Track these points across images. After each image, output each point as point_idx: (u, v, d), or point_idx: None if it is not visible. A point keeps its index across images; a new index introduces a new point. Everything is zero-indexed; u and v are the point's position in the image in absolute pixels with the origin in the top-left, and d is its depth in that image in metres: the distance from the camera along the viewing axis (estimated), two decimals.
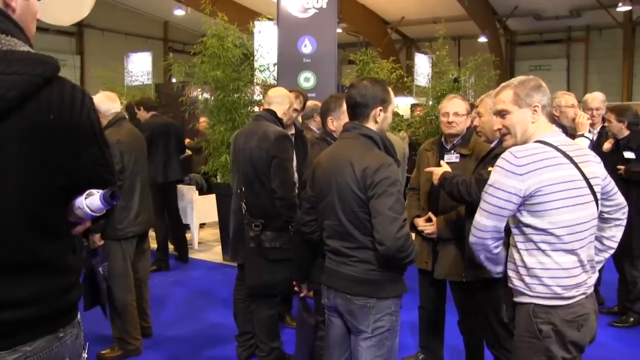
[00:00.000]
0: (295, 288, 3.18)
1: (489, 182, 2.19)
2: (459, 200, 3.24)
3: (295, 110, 4.42)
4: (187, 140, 9.70)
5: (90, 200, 1.54)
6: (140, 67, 12.84)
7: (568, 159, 2.17)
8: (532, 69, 23.09)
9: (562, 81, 23.70)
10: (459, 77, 9.12)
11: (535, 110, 2.26)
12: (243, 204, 3.77)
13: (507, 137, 2.33)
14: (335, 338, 2.68)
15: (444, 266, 3.58)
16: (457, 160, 3.56)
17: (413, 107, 13.18)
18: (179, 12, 19.47)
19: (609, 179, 2.33)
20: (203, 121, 8.87)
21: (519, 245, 2.22)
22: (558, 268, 2.14)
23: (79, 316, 1.65)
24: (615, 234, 2.40)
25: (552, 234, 2.13)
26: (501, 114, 2.33)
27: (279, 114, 3.88)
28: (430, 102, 9.44)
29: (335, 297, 2.59)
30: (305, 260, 3.03)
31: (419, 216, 3.72)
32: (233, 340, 4.20)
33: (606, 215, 2.35)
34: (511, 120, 2.29)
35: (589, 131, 5.16)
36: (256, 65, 7.44)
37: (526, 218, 2.15)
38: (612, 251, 2.44)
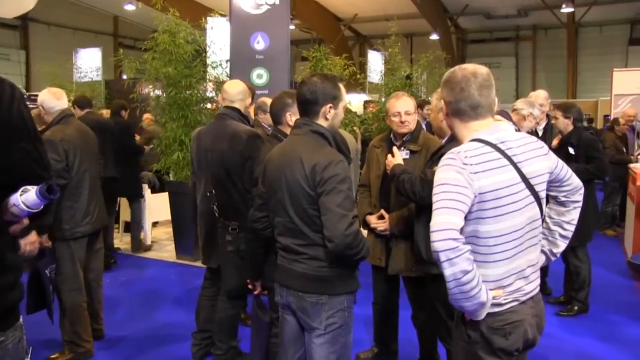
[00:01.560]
0: (249, 286, 3.18)
1: (439, 181, 1.98)
2: (404, 196, 3.30)
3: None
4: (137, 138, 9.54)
5: (26, 197, 1.50)
6: (89, 63, 12.56)
7: (508, 159, 2.03)
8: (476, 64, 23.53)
9: (511, 79, 24.37)
10: (411, 74, 9.26)
11: (442, 107, 2.18)
12: (215, 207, 3.71)
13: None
14: (289, 335, 2.68)
15: (398, 262, 3.65)
16: (407, 156, 3.62)
17: (366, 103, 13.30)
18: (130, 7, 19.07)
19: (561, 165, 2.24)
20: (147, 118, 8.75)
21: None
22: (485, 280, 1.99)
23: (21, 319, 1.60)
24: (574, 216, 2.33)
25: (484, 245, 2.01)
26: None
27: (243, 111, 3.84)
28: (383, 99, 9.53)
29: (287, 294, 2.59)
30: (258, 258, 3.03)
31: (370, 213, 3.77)
32: (187, 339, 4.16)
33: (564, 199, 2.29)
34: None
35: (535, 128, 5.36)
36: (209, 61, 7.37)
37: (473, 226, 2.00)
38: (571, 235, 2.37)
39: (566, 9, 18.89)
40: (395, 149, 3.47)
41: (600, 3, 19.97)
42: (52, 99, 4.03)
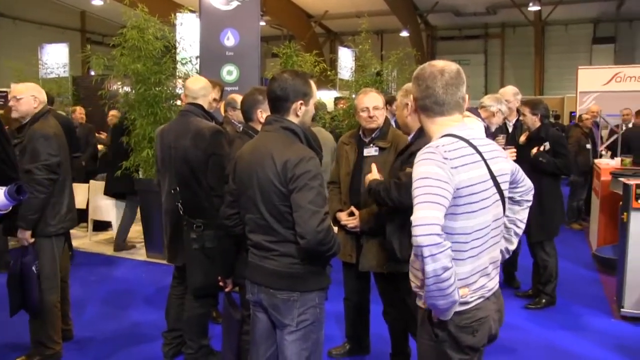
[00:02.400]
0: (220, 283, 3.17)
1: (419, 175, 1.96)
2: (384, 205, 3.31)
3: (215, 100, 4.38)
4: (104, 136, 9.43)
5: None
6: (56, 58, 12.33)
7: (480, 155, 2.06)
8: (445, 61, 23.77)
9: (480, 76, 24.70)
10: (382, 70, 9.31)
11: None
12: (179, 205, 3.67)
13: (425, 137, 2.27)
14: (261, 333, 2.67)
15: (369, 259, 3.67)
16: (377, 153, 3.65)
17: (337, 100, 13.32)
18: (97, 2, 18.75)
19: (517, 167, 2.32)
20: (112, 115, 8.63)
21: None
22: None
23: None
24: (526, 215, 2.39)
25: (456, 242, 2.00)
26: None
27: (206, 107, 3.81)
28: (354, 96, 9.57)
29: (259, 291, 2.58)
30: (229, 255, 3.02)
31: (341, 210, 3.78)
32: (158, 338, 4.12)
33: (519, 198, 2.35)
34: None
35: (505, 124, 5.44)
36: (178, 58, 7.29)
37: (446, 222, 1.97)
38: (522, 232, 2.42)
39: (533, 8, 19.22)
40: (373, 166, 3.44)
41: (565, 2, 20.36)
42: (42, 92, 3.94)
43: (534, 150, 4.97)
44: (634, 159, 7.43)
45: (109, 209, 7.54)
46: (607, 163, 7.68)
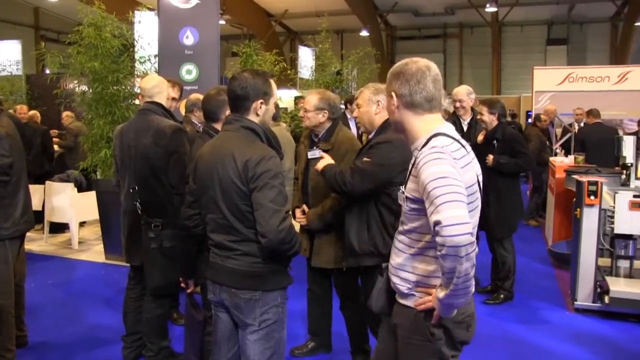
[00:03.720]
0: (182, 284, 3.14)
1: (438, 174, 1.89)
2: (337, 191, 3.34)
3: (174, 99, 4.34)
4: (54, 134, 9.22)
5: None
6: (7, 56, 11.99)
7: (470, 157, 2.09)
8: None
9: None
10: (342, 69, 9.36)
11: (392, 97, 2.14)
12: (137, 204, 3.62)
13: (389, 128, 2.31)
14: (223, 333, 2.66)
15: (319, 256, 3.78)
16: (318, 155, 3.65)
17: (297, 99, 13.33)
18: None
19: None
20: (67, 115, 8.45)
21: (410, 250, 2.14)
22: None
23: None
24: None
25: None
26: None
27: (165, 104, 3.77)
28: None
29: (221, 291, 2.57)
30: (190, 256, 3.00)
31: (298, 207, 3.87)
32: (118, 341, 4.05)
33: None
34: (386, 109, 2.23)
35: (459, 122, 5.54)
36: (136, 56, 7.18)
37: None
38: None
39: (490, 9, 19.66)
40: (323, 154, 3.50)
41: (521, 4, 20.86)
42: None
43: (490, 158, 5.06)
44: (586, 156, 7.67)
45: (65, 211, 7.37)
46: (561, 161, 7.91)
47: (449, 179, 1.88)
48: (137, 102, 6.80)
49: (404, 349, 2.22)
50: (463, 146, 2.07)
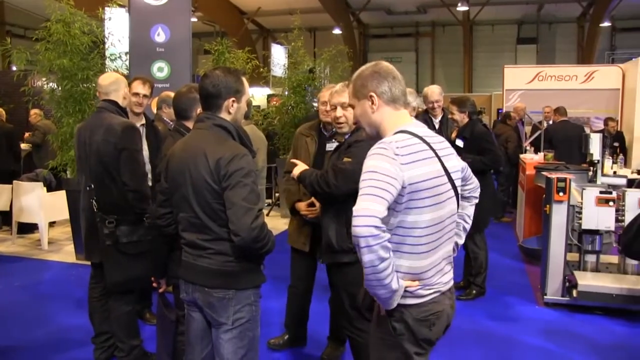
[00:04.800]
0: (154, 284, 3.12)
1: (367, 168, 1.98)
2: (320, 194, 3.32)
3: (146, 96, 4.30)
4: (26, 135, 9.05)
5: None
6: None
7: (433, 152, 2.11)
8: (385, 61, 24.22)
9: (412, 73, 25.22)
10: (314, 67, 9.35)
11: (372, 100, 2.17)
12: (94, 201, 3.61)
13: (362, 129, 2.33)
14: (196, 332, 2.65)
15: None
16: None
17: (269, 97, 13.29)
18: None
19: (466, 165, 2.40)
20: (34, 114, 8.29)
21: None
22: (409, 272, 2.08)
23: None
24: (472, 211, 2.48)
25: (410, 235, 2.05)
26: (352, 107, 2.30)
27: (120, 102, 3.75)
28: (286, 93, 9.57)
29: (193, 290, 2.55)
30: (162, 255, 2.97)
31: (300, 200, 3.78)
32: (90, 343, 4.00)
33: (468, 195, 2.42)
34: (355, 114, 2.26)
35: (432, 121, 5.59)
36: (107, 54, 7.07)
37: (389, 216, 2.01)
38: (469, 227, 2.49)
39: (462, 8, 19.88)
40: (297, 162, 3.48)
41: (492, 3, 21.11)
42: None
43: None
44: (555, 153, 7.81)
45: (34, 211, 7.24)
46: (531, 158, 8.04)
47: (376, 173, 1.95)
48: None
49: (372, 343, 2.27)
50: (427, 143, 2.11)
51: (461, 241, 2.44)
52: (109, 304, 3.80)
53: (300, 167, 3.41)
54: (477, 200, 2.47)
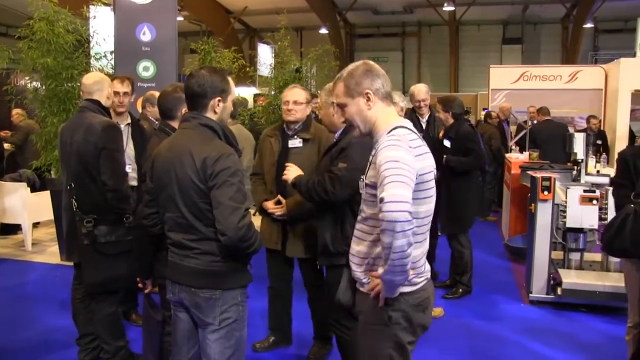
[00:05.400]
0: (140, 285, 3.10)
1: (389, 158, 2.05)
2: (317, 200, 3.32)
3: (126, 94, 4.27)
4: (5, 134, 8.94)
5: None
6: None
7: (426, 148, 2.24)
8: (371, 60, 24.26)
9: (398, 73, 25.29)
10: (301, 67, 9.34)
11: (368, 97, 2.25)
12: (74, 201, 3.59)
13: (353, 128, 2.36)
14: (183, 333, 2.63)
15: (295, 245, 3.83)
16: (300, 144, 3.81)
17: (256, 97, 13.25)
18: None
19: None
20: (17, 113, 8.20)
21: (369, 237, 2.25)
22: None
23: None
24: None
25: (415, 225, 2.10)
26: (341, 107, 2.33)
27: (103, 102, 3.73)
28: (273, 92, 9.55)
29: (180, 291, 2.54)
30: (147, 255, 2.95)
31: (267, 200, 3.87)
32: (75, 344, 3.96)
33: None
34: (349, 112, 2.29)
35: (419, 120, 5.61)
36: (92, 52, 7.02)
37: None
38: None
39: (448, 8, 19.97)
40: (292, 165, 3.49)
41: (477, 4, 21.22)
42: None
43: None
44: (539, 153, 7.87)
45: (18, 211, 7.16)
46: (516, 157, 8.10)
47: (399, 162, 2.04)
48: None
49: (363, 336, 2.30)
50: (420, 138, 2.25)
51: None
52: (92, 305, 3.76)
53: (293, 171, 3.42)
54: None
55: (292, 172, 3.42)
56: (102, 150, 3.49)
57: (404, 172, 2.02)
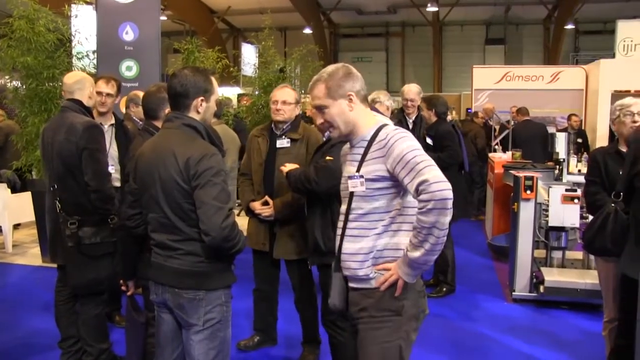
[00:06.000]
0: (123, 287, 3.07)
1: (411, 147, 2.16)
2: (302, 190, 3.39)
3: (110, 95, 4.24)
4: None
5: None
6: None
7: None
8: (355, 61, 24.40)
9: (382, 73, 25.39)
10: (285, 67, 9.34)
11: (350, 99, 2.28)
12: (57, 202, 3.55)
13: (332, 129, 2.36)
14: (166, 334, 2.62)
15: (282, 246, 3.81)
16: (288, 144, 3.79)
17: (240, 97, 13.22)
18: None
19: None
20: None
21: (371, 232, 2.24)
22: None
23: None
24: None
25: (409, 215, 2.21)
26: (320, 109, 2.32)
27: (85, 102, 3.70)
28: (257, 92, 9.53)
29: (163, 292, 2.52)
30: (131, 256, 2.93)
31: (254, 200, 3.85)
32: (57, 347, 3.91)
33: None
34: (330, 114, 2.29)
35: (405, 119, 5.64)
36: (74, 52, 6.95)
37: (396, 198, 2.21)
38: None
39: (431, 8, 20.11)
40: (289, 165, 3.51)
41: (461, 4, 21.37)
42: None
43: None
44: (522, 152, 7.94)
45: None
46: (499, 157, 8.16)
47: (420, 150, 2.16)
48: None
49: (371, 331, 2.27)
50: None
51: None
52: (76, 307, 3.73)
53: (290, 166, 3.47)
54: None
55: (289, 165, 3.47)
56: (84, 150, 3.45)
57: (427, 157, 2.13)
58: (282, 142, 3.81)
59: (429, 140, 5.28)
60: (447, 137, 5.27)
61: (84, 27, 7.20)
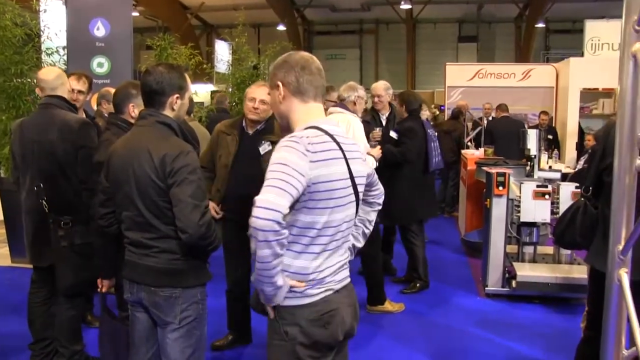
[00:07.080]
0: (99, 286, 3.02)
1: (278, 159, 1.89)
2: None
3: (80, 92, 4.17)
4: None
5: None
6: None
7: (342, 153, 2.03)
8: (329, 58, 24.44)
9: (355, 70, 25.46)
10: (259, 64, 9.32)
11: (278, 89, 2.09)
12: (44, 202, 3.47)
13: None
14: (141, 333, 2.59)
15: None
16: (270, 147, 3.66)
17: (213, 94, 13.15)
18: None
19: (373, 171, 2.30)
20: None
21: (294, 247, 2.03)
22: (299, 272, 1.99)
23: None
24: (374, 216, 2.39)
25: (305, 235, 1.98)
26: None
27: (67, 97, 3.64)
28: (230, 89, 9.49)
29: (138, 290, 2.50)
30: (111, 255, 2.88)
31: (210, 199, 3.73)
32: (26, 350, 3.83)
33: (371, 200, 2.33)
34: (270, 103, 2.23)
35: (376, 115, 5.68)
36: (43, 47, 6.81)
37: (288, 215, 1.90)
38: (369, 233, 2.39)
39: (405, 6, 20.26)
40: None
41: (434, 2, 21.55)
42: None
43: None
44: (495, 148, 8.04)
45: None
46: (472, 153, 8.25)
47: (287, 166, 1.87)
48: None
49: (268, 350, 2.16)
50: (337, 142, 2.03)
51: (360, 245, 2.34)
52: (52, 308, 3.66)
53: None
54: (380, 207, 2.39)
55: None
56: (81, 148, 3.40)
57: (288, 177, 1.85)
58: (265, 147, 3.68)
59: (393, 134, 5.33)
60: (406, 134, 5.29)
61: (53, 22, 7.06)
